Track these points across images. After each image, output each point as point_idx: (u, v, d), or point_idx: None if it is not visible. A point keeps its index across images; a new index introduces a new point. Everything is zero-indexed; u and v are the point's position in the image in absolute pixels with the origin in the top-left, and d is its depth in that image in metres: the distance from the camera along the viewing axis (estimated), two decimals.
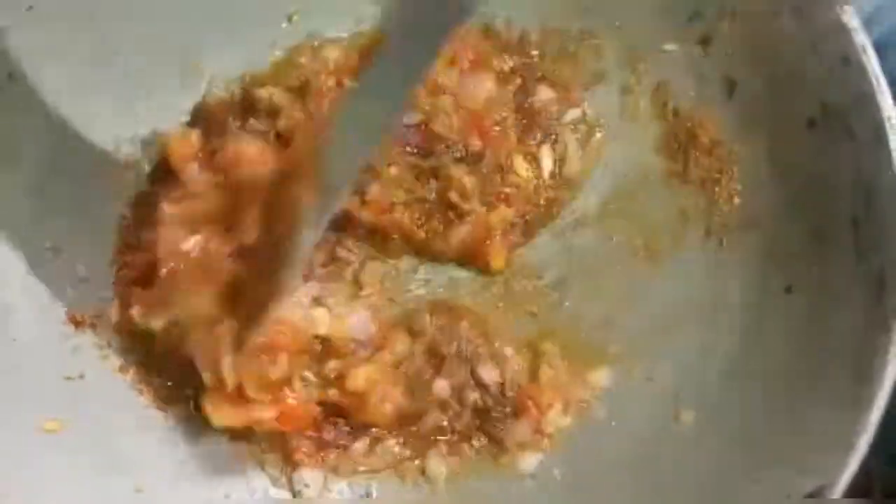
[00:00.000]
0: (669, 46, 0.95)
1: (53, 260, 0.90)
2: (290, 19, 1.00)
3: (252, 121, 0.94)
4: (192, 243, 0.85)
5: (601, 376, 0.96)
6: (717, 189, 0.95)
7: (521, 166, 0.97)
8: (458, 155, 0.94)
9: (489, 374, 0.94)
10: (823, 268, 0.86)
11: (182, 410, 0.93)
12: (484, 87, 0.95)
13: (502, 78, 0.97)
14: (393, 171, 0.93)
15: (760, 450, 0.85)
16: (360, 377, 0.88)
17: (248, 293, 0.83)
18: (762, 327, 0.90)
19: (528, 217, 0.98)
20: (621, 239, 0.98)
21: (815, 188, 0.87)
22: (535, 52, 0.99)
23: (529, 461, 0.94)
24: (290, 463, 0.93)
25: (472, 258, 0.97)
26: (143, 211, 0.93)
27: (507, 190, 0.96)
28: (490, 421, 0.94)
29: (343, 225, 0.94)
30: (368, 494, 0.95)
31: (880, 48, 0.81)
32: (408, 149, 0.94)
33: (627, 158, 0.99)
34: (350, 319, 0.90)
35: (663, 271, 0.97)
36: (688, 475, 0.88)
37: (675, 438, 0.91)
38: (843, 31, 0.81)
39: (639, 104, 0.98)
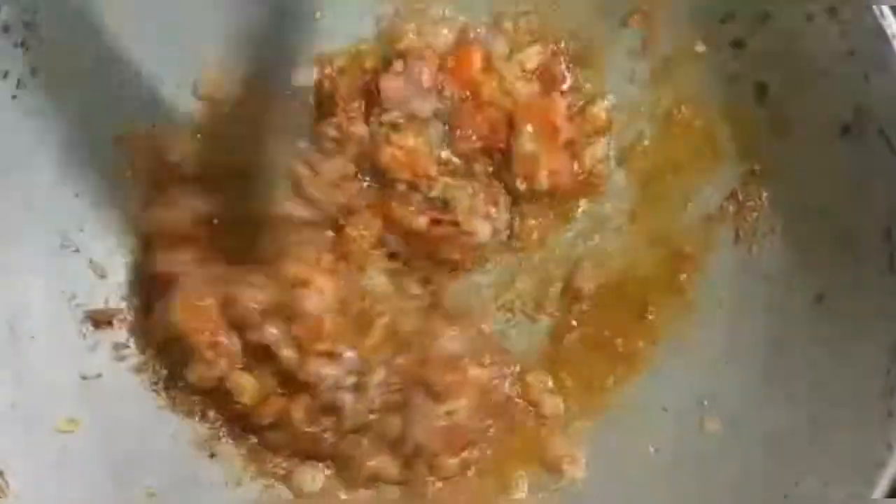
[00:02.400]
0: (700, 48, 0.93)
1: (71, 257, 0.90)
2: (314, 17, 0.98)
3: None
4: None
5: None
6: (746, 194, 0.93)
7: None
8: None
9: None
10: (855, 277, 0.84)
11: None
12: None
13: None
14: None
15: (788, 463, 0.83)
16: None
17: None
18: (790, 336, 0.89)
19: None
20: (649, 244, 0.97)
21: (849, 196, 0.85)
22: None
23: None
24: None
25: None
26: None
27: None
28: None
29: None
30: None
31: None
32: None
33: (655, 162, 0.97)
34: None
35: (691, 276, 0.96)
36: (713, 488, 0.87)
37: (700, 448, 0.90)
38: (882, 35, 0.79)
39: (668, 105, 0.96)
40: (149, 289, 0.92)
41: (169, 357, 0.92)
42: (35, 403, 0.83)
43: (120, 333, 0.92)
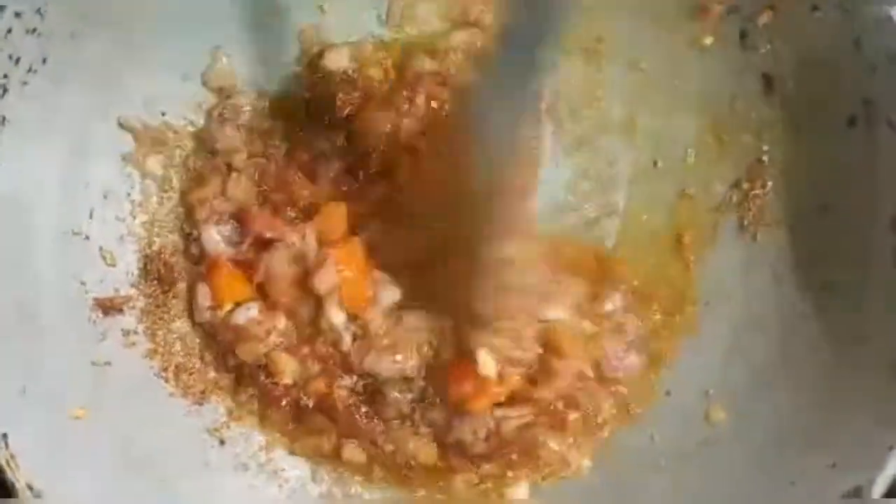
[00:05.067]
0: (707, 41, 0.94)
1: (81, 245, 0.90)
2: (320, 7, 0.98)
3: None
4: None
5: None
6: (751, 184, 0.94)
7: None
8: None
9: None
10: (861, 267, 0.85)
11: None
12: None
13: None
14: None
15: (795, 450, 0.84)
16: None
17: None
18: (797, 326, 0.89)
19: None
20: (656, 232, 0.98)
21: (855, 187, 0.85)
22: None
23: None
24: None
25: None
26: None
27: None
28: None
29: None
30: None
31: None
32: None
33: (663, 153, 0.98)
34: None
35: (696, 265, 0.96)
36: (722, 478, 0.88)
37: (707, 439, 0.91)
38: (889, 25, 0.79)
39: (674, 98, 0.96)
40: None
41: (216, 338, 0.93)
42: (46, 391, 0.82)
43: (129, 321, 0.92)
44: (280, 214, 0.94)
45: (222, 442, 0.93)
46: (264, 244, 0.92)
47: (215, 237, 0.94)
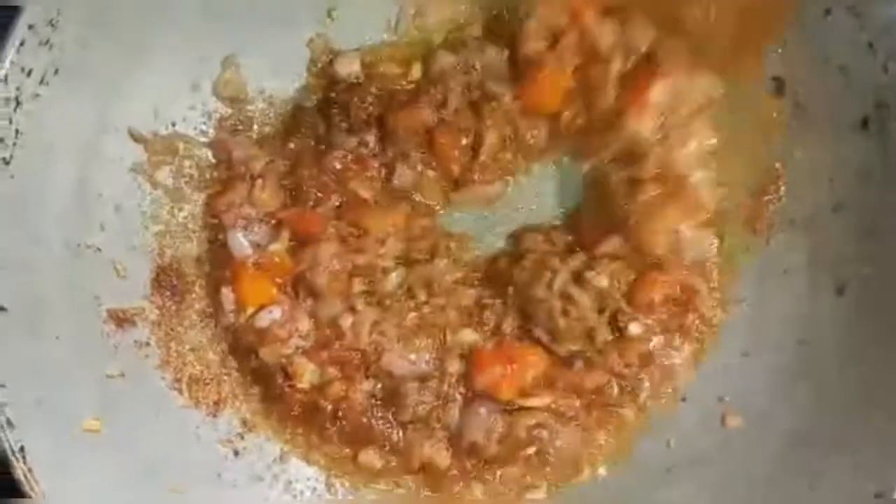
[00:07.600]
0: None
1: (93, 257, 0.89)
2: (329, 15, 0.98)
3: None
4: None
5: None
6: (764, 187, 0.93)
7: None
8: None
9: None
10: (875, 270, 0.85)
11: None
12: None
13: None
14: None
15: (815, 455, 0.84)
16: None
17: None
18: (812, 330, 0.89)
19: None
20: None
21: (867, 188, 0.85)
22: None
23: None
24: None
25: None
26: None
27: None
28: None
29: None
30: None
31: None
32: None
33: None
34: None
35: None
36: (740, 482, 0.87)
37: (723, 444, 0.91)
38: None
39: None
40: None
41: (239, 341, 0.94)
42: (60, 403, 0.82)
43: (142, 333, 0.92)
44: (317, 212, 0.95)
45: (236, 453, 0.93)
46: (304, 240, 0.94)
47: (242, 241, 0.94)
